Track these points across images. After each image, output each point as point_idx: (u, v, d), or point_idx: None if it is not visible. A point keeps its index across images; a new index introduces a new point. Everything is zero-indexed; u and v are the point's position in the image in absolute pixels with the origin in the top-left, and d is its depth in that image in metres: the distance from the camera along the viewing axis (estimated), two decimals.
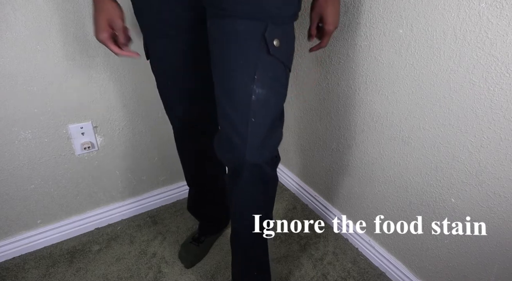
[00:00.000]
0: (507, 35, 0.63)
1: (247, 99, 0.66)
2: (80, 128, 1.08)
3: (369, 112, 0.98)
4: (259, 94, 0.66)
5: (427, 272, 0.98)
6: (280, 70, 0.68)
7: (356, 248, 1.19)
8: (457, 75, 0.74)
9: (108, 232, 1.25)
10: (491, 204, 0.76)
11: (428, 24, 0.76)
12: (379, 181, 1.03)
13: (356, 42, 0.94)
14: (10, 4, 0.84)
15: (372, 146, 1.02)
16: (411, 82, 0.84)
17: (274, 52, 0.65)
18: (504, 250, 0.77)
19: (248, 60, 0.64)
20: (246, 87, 0.65)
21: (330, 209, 1.29)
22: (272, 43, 0.64)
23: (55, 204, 1.16)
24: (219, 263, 1.13)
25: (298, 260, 1.15)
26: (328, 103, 1.13)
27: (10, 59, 0.90)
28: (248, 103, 0.66)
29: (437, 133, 0.82)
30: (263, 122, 0.68)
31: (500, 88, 0.67)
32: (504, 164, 0.71)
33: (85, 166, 1.15)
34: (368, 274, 1.10)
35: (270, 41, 0.63)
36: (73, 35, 0.96)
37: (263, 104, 0.67)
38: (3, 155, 1.00)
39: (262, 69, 0.65)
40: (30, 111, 0.99)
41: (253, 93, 0.66)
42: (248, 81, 0.65)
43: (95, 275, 1.08)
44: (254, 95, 0.66)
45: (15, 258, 1.14)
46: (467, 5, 0.67)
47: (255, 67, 0.65)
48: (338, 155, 1.17)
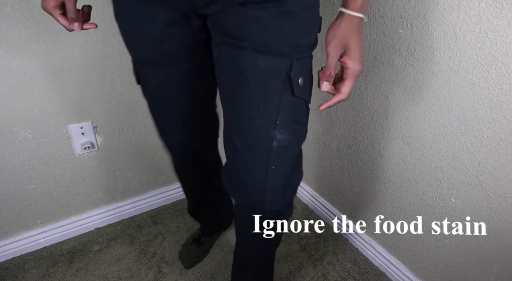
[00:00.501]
0: (507, 35, 0.63)
1: (267, 145, 0.58)
2: (80, 128, 1.08)
3: (369, 112, 0.98)
4: (281, 140, 0.58)
5: (427, 272, 0.97)
6: (302, 110, 0.60)
7: (356, 248, 1.19)
8: (457, 75, 0.73)
9: (108, 232, 1.25)
10: (491, 204, 0.76)
11: (428, 24, 0.75)
12: (379, 181, 1.03)
13: None
14: (10, 4, 0.84)
15: (372, 146, 1.02)
16: (411, 82, 0.84)
17: (299, 93, 0.56)
18: (504, 250, 0.77)
19: (269, 103, 0.56)
20: (266, 133, 0.57)
21: (330, 209, 1.29)
22: (297, 83, 0.55)
23: (55, 204, 1.16)
24: (219, 263, 1.13)
25: (298, 260, 1.15)
26: None
27: (10, 59, 0.90)
28: (269, 149, 0.58)
29: (437, 133, 0.82)
30: (285, 168, 0.61)
31: (500, 88, 0.67)
32: (504, 164, 0.71)
33: (85, 166, 1.15)
34: (368, 274, 1.10)
35: (295, 80, 0.55)
36: (73, 35, 0.96)
37: (285, 150, 0.60)
38: (3, 155, 1.00)
39: (284, 113, 0.57)
40: (30, 111, 0.99)
41: (275, 139, 0.58)
42: (268, 126, 0.57)
43: (95, 275, 1.08)
44: (275, 141, 0.58)
45: (15, 258, 1.14)
46: (467, 5, 0.67)
47: (277, 111, 0.56)
48: (338, 155, 1.17)
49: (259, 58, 0.53)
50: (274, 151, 0.59)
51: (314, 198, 1.36)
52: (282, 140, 0.58)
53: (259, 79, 0.55)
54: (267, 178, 0.61)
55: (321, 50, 1.05)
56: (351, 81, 0.56)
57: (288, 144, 0.59)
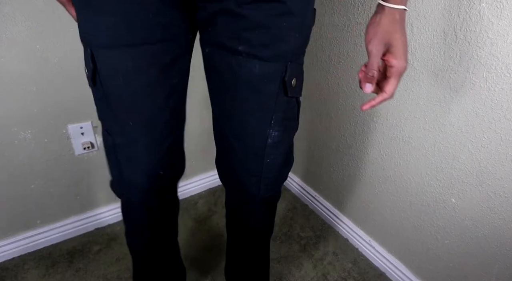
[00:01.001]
0: (508, 35, 0.63)
1: (262, 143, 0.60)
2: (80, 128, 1.08)
3: (369, 112, 0.98)
4: (275, 137, 0.60)
5: (427, 272, 0.97)
6: (294, 107, 0.61)
7: (356, 248, 1.19)
8: (457, 75, 0.73)
9: (108, 232, 1.25)
10: (491, 204, 0.76)
11: (428, 24, 0.75)
12: (379, 181, 1.03)
13: (356, 42, 0.94)
14: (9, 3, 0.84)
15: (372, 146, 1.02)
16: (411, 82, 0.84)
17: (292, 93, 0.57)
18: (505, 250, 0.77)
19: (264, 105, 0.56)
20: (262, 132, 0.59)
21: (330, 209, 1.29)
22: (290, 84, 0.56)
23: (55, 204, 1.16)
24: (219, 263, 1.13)
25: (298, 261, 1.15)
26: (328, 103, 1.13)
27: (10, 59, 0.90)
28: (263, 146, 0.60)
29: (438, 133, 0.82)
30: (278, 159, 0.64)
31: (501, 88, 0.67)
32: (505, 164, 0.71)
33: (85, 166, 1.15)
34: (368, 274, 1.10)
35: (289, 82, 0.55)
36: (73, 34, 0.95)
37: (278, 144, 0.61)
38: (3, 155, 1.00)
39: (278, 112, 0.58)
40: (30, 111, 0.99)
41: (269, 136, 0.59)
42: (263, 126, 0.58)
43: (95, 275, 1.08)
44: (270, 138, 0.60)
45: (15, 258, 1.14)
46: (468, 5, 0.67)
47: (272, 111, 0.57)
48: (338, 155, 1.17)
49: (254, 64, 0.52)
50: (268, 147, 0.60)
51: (314, 198, 1.36)
52: (276, 136, 0.60)
53: (254, 84, 0.54)
54: (262, 171, 0.63)
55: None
56: (396, 80, 0.53)
57: (281, 140, 0.61)
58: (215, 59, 0.56)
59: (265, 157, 0.61)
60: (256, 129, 0.59)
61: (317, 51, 1.10)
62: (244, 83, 0.54)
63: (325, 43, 1.06)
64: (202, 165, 1.45)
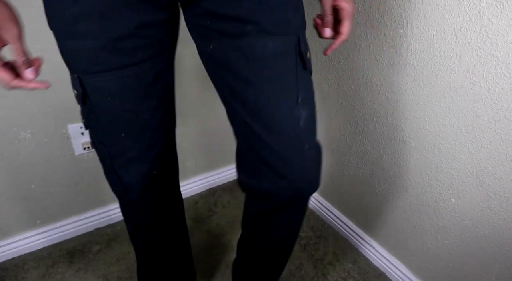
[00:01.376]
0: (508, 35, 0.63)
1: (296, 128, 0.55)
2: (80, 128, 1.08)
3: (369, 112, 0.98)
4: (306, 118, 0.56)
5: (427, 272, 0.97)
6: (311, 82, 0.59)
7: (356, 248, 1.19)
8: (457, 75, 0.73)
9: (108, 232, 1.25)
10: (491, 204, 0.76)
11: (428, 24, 0.75)
12: (379, 181, 1.03)
13: (356, 42, 0.94)
14: None
15: (372, 146, 1.02)
16: (411, 82, 0.84)
17: (309, 66, 0.56)
18: (505, 251, 0.77)
19: (288, 83, 0.54)
20: (292, 115, 0.55)
21: (330, 209, 1.29)
22: (306, 56, 0.54)
23: (55, 204, 1.16)
24: (219, 263, 1.13)
25: (298, 260, 1.15)
26: (328, 103, 1.13)
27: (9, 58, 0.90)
28: (298, 131, 0.56)
29: (438, 133, 0.82)
30: (314, 144, 0.60)
31: (501, 88, 0.67)
32: (505, 164, 0.71)
33: (85, 166, 1.15)
34: (368, 274, 1.10)
35: (305, 54, 0.54)
36: None
37: (310, 126, 0.58)
38: (3, 155, 1.00)
39: (303, 89, 0.55)
40: (30, 111, 0.99)
41: (300, 118, 0.55)
42: (292, 106, 0.55)
43: (95, 275, 1.08)
44: (301, 121, 0.55)
45: (15, 258, 1.14)
46: (468, 5, 0.67)
47: (296, 88, 0.54)
48: (338, 155, 1.17)
49: (267, 41, 0.51)
50: (303, 132, 0.56)
51: (314, 198, 1.36)
52: (306, 117, 0.56)
53: (272, 61, 0.52)
54: (304, 159, 0.57)
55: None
56: (349, 21, 0.58)
57: (311, 120, 0.58)
58: (223, 51, 0.53)
59: (303, 144, 0.56)
60: (284, 112, 0.54)
61: (317, 51, 1.10)
62: (260, 64, 0.52)
63: (325, 43, 1.06)
64: (202, 165, 1.45)
